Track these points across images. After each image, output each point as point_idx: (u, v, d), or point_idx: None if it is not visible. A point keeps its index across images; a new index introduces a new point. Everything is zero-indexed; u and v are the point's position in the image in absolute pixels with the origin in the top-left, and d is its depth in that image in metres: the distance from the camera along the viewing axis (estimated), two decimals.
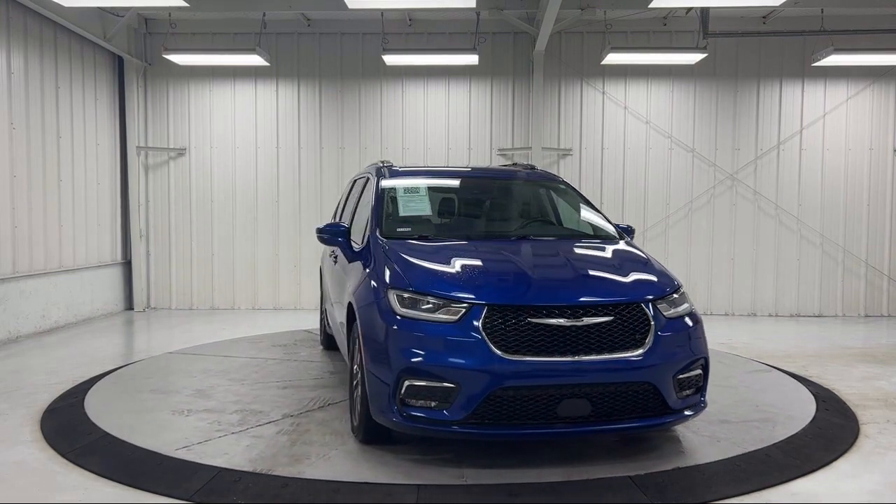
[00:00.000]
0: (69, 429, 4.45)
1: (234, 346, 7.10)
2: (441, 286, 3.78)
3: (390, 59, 9.07)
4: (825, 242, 9.88)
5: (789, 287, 9.90)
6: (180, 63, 9.45)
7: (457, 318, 3.61)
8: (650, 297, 3.85)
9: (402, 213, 4.90)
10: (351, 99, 10.02)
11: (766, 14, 9.36)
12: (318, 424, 4.49)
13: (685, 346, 3.83)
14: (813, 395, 5.28)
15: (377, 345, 3.75)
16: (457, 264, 4.07)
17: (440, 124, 10.00)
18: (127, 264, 10.08)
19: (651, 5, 7.71)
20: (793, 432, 4.35)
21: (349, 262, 4.78)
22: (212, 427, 4.40)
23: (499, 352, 3.51)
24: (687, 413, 3.86)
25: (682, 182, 9.92)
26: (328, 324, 6.41)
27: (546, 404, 3.56)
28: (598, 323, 3.64)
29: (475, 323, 3.57)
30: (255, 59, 9.06)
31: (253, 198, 10.09)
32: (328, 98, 10.03)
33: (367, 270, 4.24)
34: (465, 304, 3.63)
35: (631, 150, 9.93)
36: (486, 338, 3.54)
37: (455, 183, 5.58)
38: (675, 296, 3.99)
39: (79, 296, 8.89)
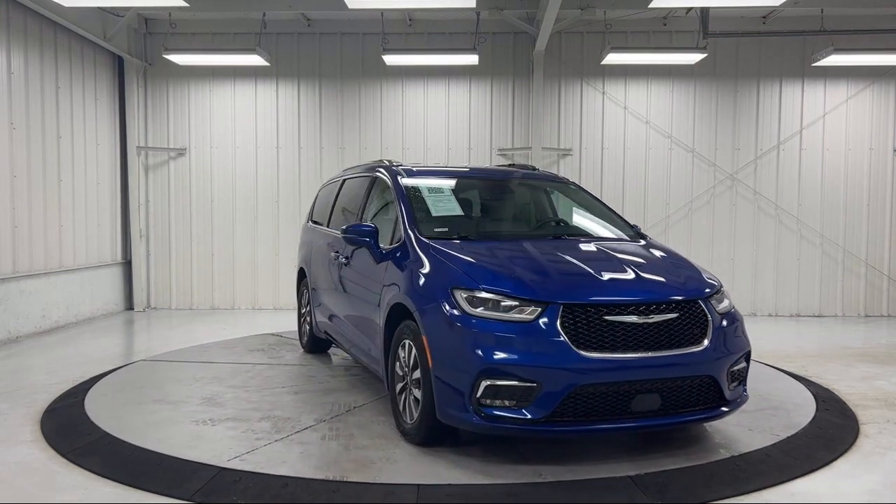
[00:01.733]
0: (69, 429, 4.45)
1: (207, 352, 6.79)
2: (513, 286, 3.78)
3: (390, 59, 9.07)
4: (825, 242, 9.88)
5: (789, 287, 9.90)
6: (180, 63, 9.46)
7: (533, 317, 3.64)
8: (706, 293, 4.03)
9: (434, 212, 4.84)
10: (351, 99, 10.02)
11: (766, 14, 9.36)
12: (357, 428, 4.40)
13: (736, 340, 4.02)
14: (813, 395, 5.28)
15: (448, 346, 3.72)
16: (518, 264, 4.08)
17: (440, 124, 10.00)
18: (127, 264, 10.08)
19: (651, 5, 7.71)
20: (792, 432, 4.35)
21: (377, 262, 4.70)
22: (247, 436, 4.23)
23: (578, 350, 3.58)
24: (738, 403, 4.06)
25: (682, 182, 9.92)
26: (315, 326, 6.31)
27: (621, 400, 3.65)
28: (665, 320, 3.77)
29: (553, 322, 3.62)
30: (255, 59, 9.06)
31: (253, 198, 10.09)
32: (328, 98, 10.03)
33: (416, 270, 4.17)
34: (541, 304, 3.67)
35: (631, 150, 9.93)
36: (565, 336, 3.59)
37: (473, 183, 5.55)
38: (721, 292, 4.20)
39: (79, 296, 8.89)
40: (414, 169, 5.34)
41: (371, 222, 5.07)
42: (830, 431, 4.44)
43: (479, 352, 3.57)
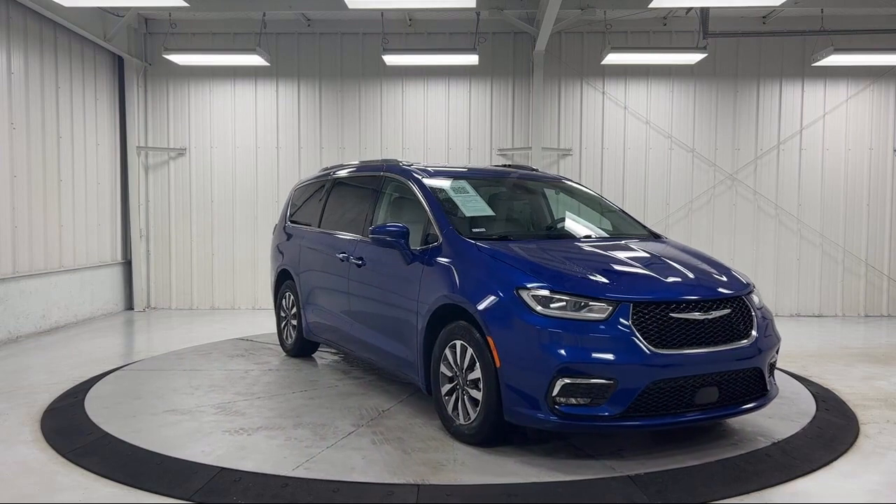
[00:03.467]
0: (69, 429, 4.45)
1: (185, 359, 6.42)
2: (583, 285, 3.84)
3: (390, 59, 9.07)
4: (825, 242, 9.88)
5: (789, 287, 9.90)
6: (180, 63, 9.46)
7: (605, 315, 3.71)
8: (748, 289, 4.26)
9: (466, 213, 4.82)
10: (351, 99, 10.02)
11: (766, 14, 9.37)
12: (401, 432, 4.34)
13: (773, 334, 4.27)
14: (813, 395, 5.28)
15: (519, 346, 3.73)
16: (576, 263, 4.12)
17: (440, 124, 10.00)
18: (127, 264, 10.08)
19: (651, 5, 7.71)
20: (792, 432, 4.35)
21: (407, 263, 4.64)
22: (293, 444, 4.10)
23: (651, 347, 3.68)
24: (774, 393, 4.23)
25: (682, 182, 9.92)
26: (306, 329, 6.16)
27: (686, 393, 3.78)
28: (721, 315, 3.95)
29: (626, 320, 3.70)
30: (255, 59, 9.06)
31: (253, 198, 10.09)
32: (328, 98, 10.03)
33: (468, 271, 4.16)
34: (611, 303, 3.74)
35: (631, 150, 9.94)
36: (637, 334, 3.68)
37: (492, 183, 5.54)
38: (755, 289, 4.41)
39: (79, 296, 8.89)
40: (430, 169, 5.29)
41: (399, 223, 4.87)
42: (830, 431, 4.44)
43: (556, 351, 3.63)
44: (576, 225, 5.32)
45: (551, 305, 3.75)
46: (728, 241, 9.88)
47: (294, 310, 6.42)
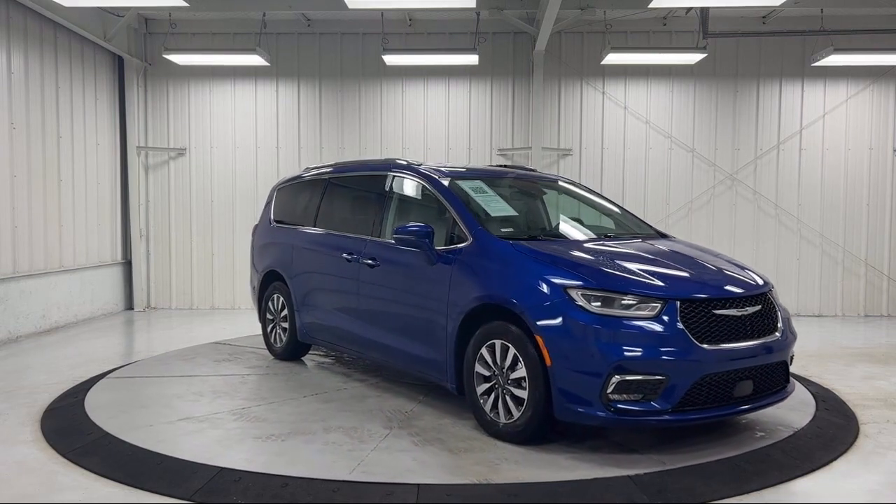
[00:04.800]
0: (69, 429, 4.45)
1: (167, 364, 6.22)
2: (632, 284, 3.93)
3: (390, 59, 9.07)
4: (825, 242, 9.88)
5: (789, 287, 9.89)
6: (180, 63, 9.46)
7: (655, 313, 3.81)
8: (770, 286, 4.43)
9: (492, 213, 4.82)
10: (351, 99, 10.02)
11: (766, 14, 9.37)
12: (437, 432, 4.32)
13: (792, 329, 4.42)
14: (813, 394, 5.28)
15: (572, 344, 3.79)
16: (616, 262, 4.20)
17: (440, 124, 10.00)
18: (127, 264, 10.08)
19: (651, 5, 7.71)
20: (792, 432, 4.36)
21: (431, 264, 4.60)
22: (334, 448, 4.03)
23: (698, 343, 3.80)
24: (793, 386, 4.42)
25: (682, 182, 9.92)
26: (300, 331, 6.05)
27: (727, 387, 3.92)
28: (754, 311, 4.12)
29: (675, 317, 3.81)
30: (255, 59, 9.06)
31: (253, 198, 10.07)
32: (328, 98, 10.03)
33: (507, 271, 4.17)
34: (660, 301, 3.85)
35: (631, 150, 9.94)
36: (686, 331, 3.80)
37: (505, 183, 5.53)
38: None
39: (79, 296, 8.89)
40: (443, 169, 5.28)
41: (422, 223, 4.75)
42: (830, 431, 4.44)
43: (611, 349, 3.72)
44: (594, 225, 5.41)
45: (603, 304, 3.83)
46: (728, 241, 9.87)
47: (284, 312, 6.29)
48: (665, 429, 4.24)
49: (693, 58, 9.10)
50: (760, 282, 4.39)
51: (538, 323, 3.89)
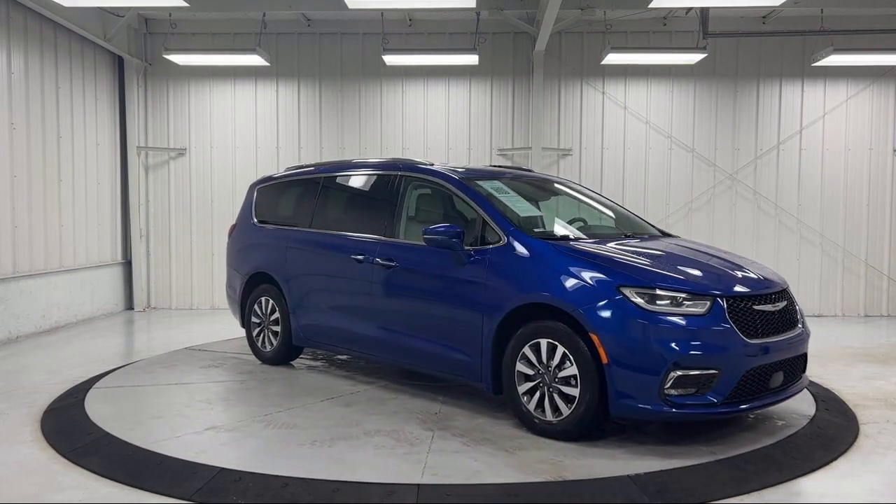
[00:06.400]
0: (69, 429, 4.45)
1: (153, 372, 5.94)
2: (684, 283, 4.11)
3: (390, 59, 9.07)
4: (825, 242, 9.88)
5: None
6: (180, 63, 9.46)
7: (705, 310, 3.98)
8: (786, 283, 4.66)
9: (520, 214, 4.82)
10: (351, 99, 10.02)
11: (766, 14, 9.37)
12: (479, 432, 4.32)
13: (806, 324, 4.64)
14: (813, 395, 5.27)
15: (630, 342, 3.90)
16: (663, 262, 4.37)
17: (440, 124, 10.00)
18: (127, 264, 10.08)
19: (651, 5, 7.71)
20: (792, 432, 4.36)
21: (460, 265, 4.58)
22: (388, 452, 3.99)
23: (747, 338, 4.01)
24: (807, 378, 4.67)
25: (682, 182, 9.92)
26: (296, 334, 5.90)
27: (766, 378, 4.14)
28: (784, 307, 4.38)
29: (723, 314, 4.00)
30: (255, 59, 9.06)
31: None
32: (328, 98, 10.03)
33: (553, 271, 4.22)
34: (709, 298, 4.02)
35: (631, 150, 9.94)
36: (734, 326, 3.99)
37: (520, 184, 5.50)
38: None
39: (79, 296, 8.89)
40: (460, 169, 5.28)
41: (446, 223, 4.70)
42: (830, 431, 4.45)
43: (669, 345, 3.85)
44: (608, 225, 5.50)
45: (657, 302, 3.96)
46: (728, 241, 9.87)
47: (274, 315, 6.11)
48: (716, 420, 4.44)
49: (693, 58, 9.10)
50: (781, 279, 4.65)
51: (594, 322, 3.97)
